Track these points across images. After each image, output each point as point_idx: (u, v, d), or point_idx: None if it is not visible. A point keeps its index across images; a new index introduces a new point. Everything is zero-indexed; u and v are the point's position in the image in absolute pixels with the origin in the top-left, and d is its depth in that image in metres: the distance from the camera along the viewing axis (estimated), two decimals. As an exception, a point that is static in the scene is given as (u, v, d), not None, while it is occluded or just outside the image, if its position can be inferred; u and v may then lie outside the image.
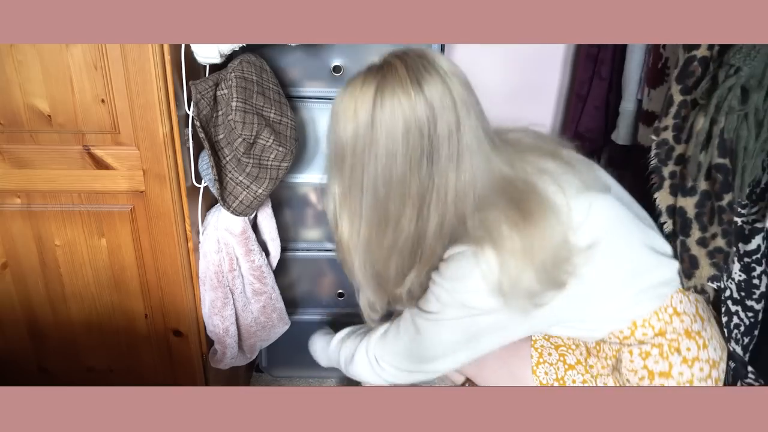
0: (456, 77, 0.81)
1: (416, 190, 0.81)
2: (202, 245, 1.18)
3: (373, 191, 0.83)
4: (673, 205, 0.98)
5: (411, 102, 0.78)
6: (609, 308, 0.90)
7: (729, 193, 0.93)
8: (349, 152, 0.83)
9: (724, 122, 0.90)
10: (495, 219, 0.81)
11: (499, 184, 0.83)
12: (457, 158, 0.79)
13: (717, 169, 0.92)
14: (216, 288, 1.20)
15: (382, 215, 0.84)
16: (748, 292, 1.00)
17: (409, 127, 0.78)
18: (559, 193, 0.85)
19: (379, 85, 0.80)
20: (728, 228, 0.94)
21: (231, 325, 1.24)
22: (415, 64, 0.80)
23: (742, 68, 0.85)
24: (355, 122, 0.81)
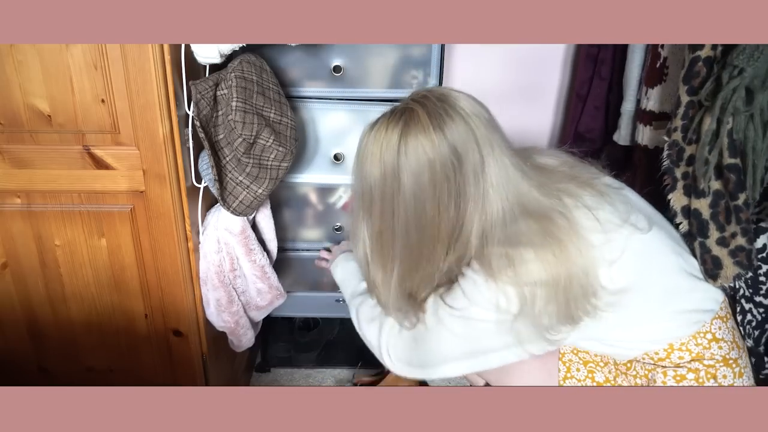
0: (477, 117, 0.81)
1: (446, 231, 0.83)
2: (202, 246, 1.18)
3: (405, 235, 0.84)
4: (687, 206, 0.98)
5: (435, 148, 0.79)
6: (644, 330, 0.90)
7: (743, 192, 0.93)
8: (378, 197, 0.84)
9: (731, 123, 0.90)
10: (520, 251, 0.80)
11: (531, 212, 0.82)
12: (483, 197, 0.80)
13: (729, 169, 0.92)
14: (218, 287, 1.20)
15: (416, 256, 0.86)
16: (756, 289, 1.01)
17: (434, 172, 0.80)
18: (595, 231, 0.84)
19: (403, 132, 0.80)
20: (747, 226, 0.94)
21: (241, 318, 1.27)
22: (435, 109, 0.80)
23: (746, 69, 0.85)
24: (381, 168, 0.82)
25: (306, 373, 1.66)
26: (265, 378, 1.65)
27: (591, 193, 0.89)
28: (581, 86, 1.50)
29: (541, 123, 1.69)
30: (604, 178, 0.97)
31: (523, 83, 1.63)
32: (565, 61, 1.61)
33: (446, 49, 1.31)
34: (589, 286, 0.82)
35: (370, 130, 0.85)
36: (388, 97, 1.31)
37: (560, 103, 1.66)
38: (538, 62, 1.61)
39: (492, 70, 1.61)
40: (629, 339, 0.90)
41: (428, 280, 0.89)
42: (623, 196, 0.95)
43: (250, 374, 1.65)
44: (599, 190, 0.91)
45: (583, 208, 0.85)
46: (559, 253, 0.80)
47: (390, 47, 1.28)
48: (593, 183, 0.91)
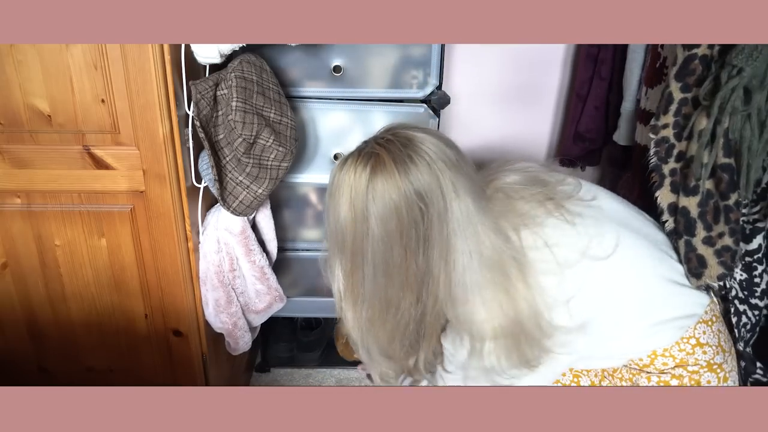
0: (442, 161, 0.81)
1: (414, 276, 0.84)
2: (202, 245, 1.18)
3: (373, 278, 0.85)
4: (674, 204, 0.98)
5: (401, 194, 0.80)
6: (622, 344, 0.90)
7: (735, 192, 0.93)
8: (349, 238, 0.85)
9: (728, 122, 0.90)
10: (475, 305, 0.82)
11: (487, 265, 0.82)
12: (446, 243, 0.81)
13: (722, 169, 0.92)
14: (217, 288, 1.20)
15: (384, 301, 0.86)
16: (750, 291, 1.01)
17: (401, 218, 0.81)
18: (550, 273, 0.84)
19: (370, 178, 0.81)
20: (735, 227, 0.94)
21: (239, 319, 1.27)
22: (400, 156, 0.81)
23: (745, 69, 0.85)
24: (352, 212, 0.83)
25: (306, 373, 1.66)
26: (265, 378, 1.65)
27: (555, 220, 0.88)
28: (581, 86, 1.50)
29: (541, 123, 1.69)
30: (578, 190, 0.95)
31: (523, 83, 1.63)
32: (565, 61, 1.61)
33: (446, 49, 1.31)
34: (539, 331, 0.83)
35: (339, 170, 0.85)
36: (388, 97, 1.31)
37: (560, 103, 1.66)
38: (538, 62, 1.61)
39: (492, 71, 1.61)
40: (607, 354, 0.91)
41: (400, 335, 0.89)
42: (595, 209, 0.93)
43: (250, 374, 1.65)
44: (566, 211, 0.89)
45: (541, 249, 0.85)
46: (508, 304, 0.82)
47: (390, 47, 1.28)
48: (561, 203, 0.90)
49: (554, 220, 0.88)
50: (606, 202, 0.97)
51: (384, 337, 0.90)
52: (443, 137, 0.85)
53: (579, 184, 0.97)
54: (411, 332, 0.89)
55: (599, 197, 0.97)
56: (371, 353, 0.95)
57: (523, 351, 0.84)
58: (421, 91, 1.31)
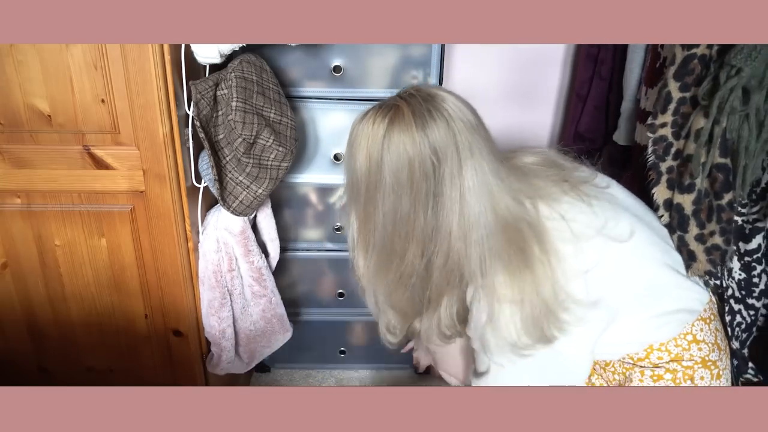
0: (461, 120, 0.82)
1: (420, 230, 0.84)
2: (201, 244, 1.18)
3: (382, 227, 0.86)
4: (670, 199, 0.99)
5: (415, 146, 0.81)
6: (624, 334, 0.90)
7: (729, 192, 0.93)
8: (363, 187, 0.86)
9: (726, 122, 0.90)
10: (492, 265, 0.83)
11: (502, 225, 0.83)
12: (459, 200, 0.81)
13: (718, 169, 0.93)
14: (214, 288, 1.20)
15: (389, 250, 0.87)
16: (748, 291, 1.01)
17: (413, 170, 0.81)
18: (567, 241, 0.85)
19: (387, 128, 0.82)
20: (726, 226, 0.94)
21: (228, 327, 1.24)
22: (420, 109, 0.82)
23: (744, 69, 0.85)
24: (368, 161, 0.84)
25: (306, 373, 1.66)
26: (265, 378, 1.65)
27: (571, 198, 0.89)
28: (581, 86, 1.50)
29: (541, 123, 1.69)
30: (593, 177, 0.97)
31: (523, 83, 1.63)
32: (565, 61, 1.61)
33: (446, 49, 1.31)
34: (557, 302, 0.83)
35: (359, 122, 0.87)
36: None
37: (560, 103, 1.66)
38: (538, 62, 1.61)
39: (492, 70, 1.61)
40: (609, 344, 0.91)
41: (403, 286, 0.90)
42: (609, 195, 0.95)
43: (250, 374, 1.65)
44: (582, 192, 0.91)
45: (557, 220, 0.86)
46: (524, 268, 0.82)
47: (390, 47, 1.28)
48: (577, 186, 0.92)
49: (570, 198, 0.89)
50: (618, 192, 0.98)
51: (389, 286, 0.91)
52: (466, 102, 0.86)
53: (594, 172, 0.98)
54: (416, 287, 0.89)
55: (612, 186, 0.98)
56: (378, 302, 0.96)
57: (538, 320, 0.83)
58: (421, 91, 1.31)
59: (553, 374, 0.89)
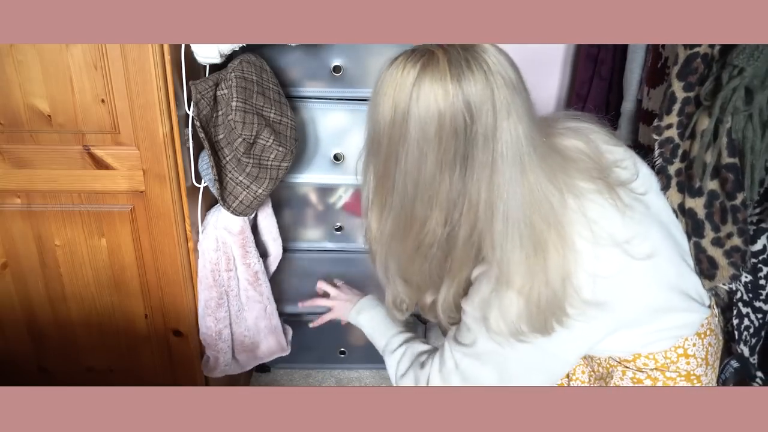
0: (501, 76, 0.74)
1: (445, 195, 0.77)
2: (201, 243, 1.18)
3: (402, 187, 0.78)
4: (682, 204, 0.96)
5: (448, 99, 0.73)
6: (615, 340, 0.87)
7: (741, 192, 0.91)
8: (385, 140, 0.78)
9: (730, 122, 0.89)
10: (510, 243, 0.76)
11: (528, 200, 0.76)
12: (491, 166, 0.74)
13: (728, 169, 0.91)
14: (211, 287, 1.19)
15: (409, 214, 0.80)
16: (755, 293, 0.99)
17: (443, 125, 0.74)
18: (585, 239, 0.78)
19: (418, 76, 0.74)
20: (744, 226, 0.92)
21: (224, 329, 1.23)
22: (458, 58, 0.74)
23: (746, 69, 0.85)
24: (392, 111, 0.76)
25: (306, 373, 1.66)
26: (265, 378, 1.65)
27: (605, 201, 0.82)
28: (581, 86, 1.49)
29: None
30: (633, 178, 0.88)
31: (523, 83, 1.63)
32: (565, 61, 1.61)
33: (446, 49, 1.30)
34: (564, 294, 0.78)
35: (388, 68, 0.78)
36: (388, 97, 1.31)
37: (560, 103, 1.66)
38: (538, 62, 1.61)
39: (492, 70, 1.61)
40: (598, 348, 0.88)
41: (422, 256, 0.82)
42: (644, 205, 0.88)
43: (250, 374, 1.65)
44: (617, 197, 0.83)
45: (579, 214, 0.80)
46: (541, 255, 0.76)
47: (390, 47, 1.28)
48: (614, 187, 0.84)
49: (603, 200, 0.82)
50: (654, 198, 0.92)
51: (404, 254, 0.83)
52: (509, 56, 0.78)
53: (636, 170, 0.90)
54: (434, 258, 0.81)
55: (650, 193, 0.91)
56: (388, 271, 0.88)
57: (543, 310, 0.77)
58: (421, 91, 1.31)
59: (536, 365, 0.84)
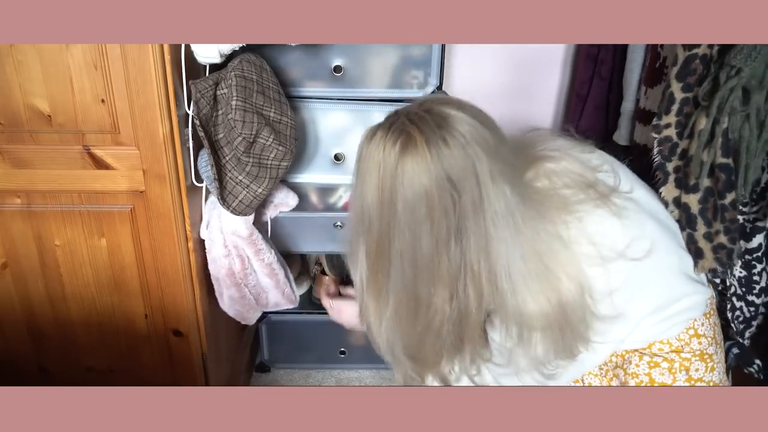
0: (478, 144, 0.75)
1: (446, 270, 0.77)
2: (209, 251, 1.18)
3: (400, 269, 0.78)
4: (678, 198, 1.00)
5: (432, 179, 0.73)
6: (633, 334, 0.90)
7: (732, 192, 0.94)
8: (376, 221, 0.78)
9: (727, 122, 0.90)
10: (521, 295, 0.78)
11: (529, 253, 0.78)
12: (485, 235, 0.75)
13: (720, 169, 0.93)
14: (230, 287, 1.23)
15: (412, 297, 0.80)
16: (749, 288, 1.03)
17: (432, 206, 0.74)
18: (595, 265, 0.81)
19: (400, 158, 0.74)
20: (731, 226, 0.95)
21: (252, 308, 1.32)
22: (434, 137, 0.74)
23: (743, 69, 0.85)
24: (379, 191, 0.76)
25: (306, 373, 1.66)
26: (265, 378, 1.65)
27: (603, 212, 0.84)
28: (581, 86, 1.50)
29: (541, 123, 1.69)
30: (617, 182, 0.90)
31: (523, 83, 1.63)
32: (565, 61, 1.61)
33: (446, 49, 1.31)
34: (583, 323, 0.81)
35: (367, 143, 0.78)
36: (388, 97, 1.31)
37: (560, 103, 1.66)
38: (538, 62, 1.61)
39: (492, 70, 1.61)
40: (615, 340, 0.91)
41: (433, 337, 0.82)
42: (634, 203, 0.90)
43: (250, 374, 1.65)
44: (612, 204, 0.85)
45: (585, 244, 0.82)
46: (554, 295, 0.78)
47: (390, 47, 1.28)
48: (607, 196, 0.86)
49: (601, 211, 0.84)
50: (641, 194, 0.94)
51: (412, 337, 0.83)
52: (481, 116, 0.79)
53: (615, 172, 0.91)
54: (448, 334, 0.81)
55: (635, 189, 0.93)
56: (395, 353, 0.87)
57: (567, 341, 0.81)
58: (422, 91, 1.31)
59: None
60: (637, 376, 0.92)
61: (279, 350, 1.63)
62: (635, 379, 0.92)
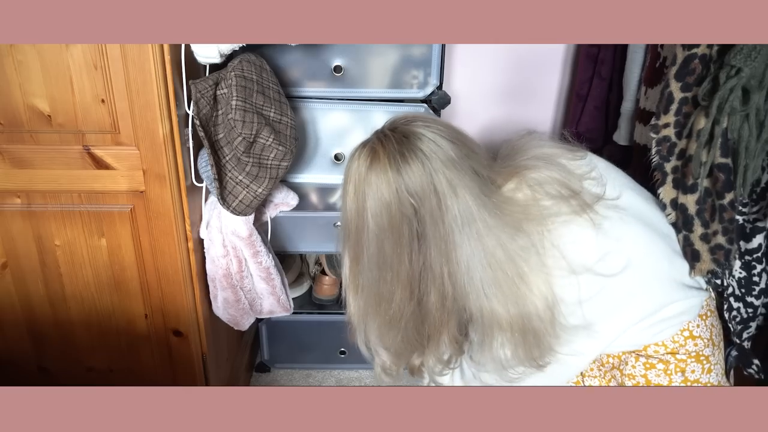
0: (439, 159, 0.81)
1: (406, 274, 0.84)
2: (208, 251, 1.18)
3: (368, 270, 0.87)
4: (675, 199, 0.99)
5: (391, 191, 0.81)
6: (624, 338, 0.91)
7: (730, 192, 0.93)
8: (353, 228, 0.87)
9: (726, 122, 0.90)
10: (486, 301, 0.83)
11: (494, 262, 0.82)
12: (445, 242, 0.81)
13: (719, 169, 0.93)
14: (226, 289, 1.22)
15: (376, 293, 0.88)
16: (748, 289, 1.02)
17: (392, 215, 0.82)
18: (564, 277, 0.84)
19: (367, 173, 0.83)
20: (729, 226, 0.95)
21: (246, 313, 1.30)
22: (393, 153, 0.82)
23: (743, 69, 0.85)
24: (355, 202, 0.85)
25: (306, 373, 1.66)
26: (265, 378, 1.65)
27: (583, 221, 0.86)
28: (581, 86, 1.49)
29: (541, 123, 1.69)
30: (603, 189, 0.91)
31: (523, 83, 1.63)
32: (565, 61, 1.61)
33: (446, 49, 1.31)
34: (546, 330, 0.84)
35: (350, 160, 0.87)
36: (389, 97, 1.31)
37: (560, 103, 1.66)
38: (538, 62, 1.61)
39: (492, 70, 1.61)
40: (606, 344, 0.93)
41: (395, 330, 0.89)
42: (621, 210, 0.91)
43: (250, 374, 1.65)
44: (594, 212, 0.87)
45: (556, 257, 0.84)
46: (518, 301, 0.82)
47: (390, 47, 1.28)
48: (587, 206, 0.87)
49: (580, 220, 0.86)
50: (630, 199, 0.94)
51: (380, 327, 0.91)
52: (448, 132, 0.85)
53: (603, 179, 0.93)
54: (409, 329, 0.89)
55: (624, 194, 0.94)
56: (369, 342, 0.96)
57: (530, 349, 0.84)
58: (422, 91, 1.31)
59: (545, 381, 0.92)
60: (634, 378, 0.93)
61: (279, 350, 1.63)
62: (632, 381, 0.93)
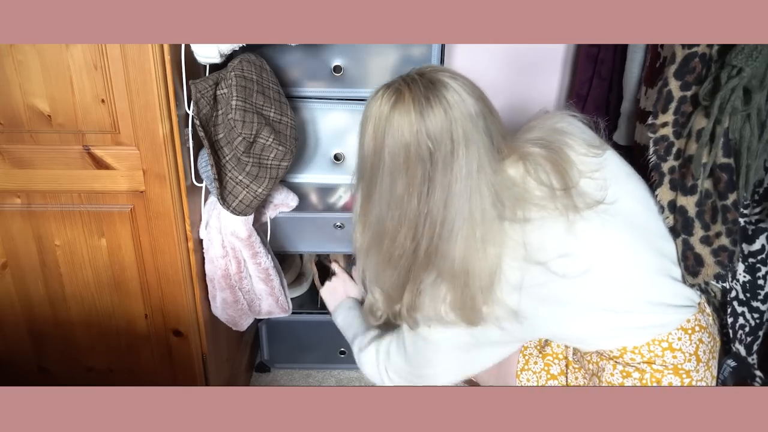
0: (460, 110, 0.84)
1: (413, 213, 0.87)
2: (207, 251, 1.18)
3: (378, 206, 0.91)
4: (673, 201, 0.97)
5: (413, 132, 0.84)
6: (593, 336, 0.92)
7: (733, 193, 0.92)
8: (369, 166, 0.90)
9: (728, 122, 0.90)
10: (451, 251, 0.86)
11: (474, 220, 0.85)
12: (448, 188, 0.85)
13: (722, 169, 0.92)
14: (225, 289, 1.22)
15: (382, 229, 0.92)
16: (753, 293, 1.00)
17: (409, 154, 0.85)
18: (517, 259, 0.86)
19: (390, 112, 0.86)
20: (733, 227, 0.93)
21: (244, 314, 1.30)
22: (419, 96, 0.85)
23: (745, 69, 0.85)
24: (373, 140, 0.88)
25: (306, 373, 1.66)
26: (265, 378, 1.65)
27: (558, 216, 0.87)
28: (581, 86, 1.50)
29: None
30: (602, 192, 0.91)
31: (523, 83, 1.63)
32: (565, 61, 1.61)
33: (446, 49, 1.31)
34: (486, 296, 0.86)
35: (372, 98, 0.90)
36: (388, 97, 1.31)
37: (560, 103, 1.66)
38: (538, 62, 1.61)
39: (492, 70, 1.61)
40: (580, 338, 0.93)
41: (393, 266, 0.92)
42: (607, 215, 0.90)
43: (250, 374, 1.65)
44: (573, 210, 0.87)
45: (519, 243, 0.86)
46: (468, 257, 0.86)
47: (390, 47, 1.28)
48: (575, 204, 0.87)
49: (556, 214, 0.87)
50: (626, 207, 0.93)
51: (379, 264, 0.95)
52: (472, 89, 0.88)
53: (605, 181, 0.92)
54: (403, 267, 0.92)
55: (621, 202, 0.92)
56: (366, 279, 1.01)
57: (465, 300, 0.87)
58: (421, 91, 1.31)
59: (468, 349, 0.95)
60: (612, 385, 0.92)
61: (279, 350, 1.63)
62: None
